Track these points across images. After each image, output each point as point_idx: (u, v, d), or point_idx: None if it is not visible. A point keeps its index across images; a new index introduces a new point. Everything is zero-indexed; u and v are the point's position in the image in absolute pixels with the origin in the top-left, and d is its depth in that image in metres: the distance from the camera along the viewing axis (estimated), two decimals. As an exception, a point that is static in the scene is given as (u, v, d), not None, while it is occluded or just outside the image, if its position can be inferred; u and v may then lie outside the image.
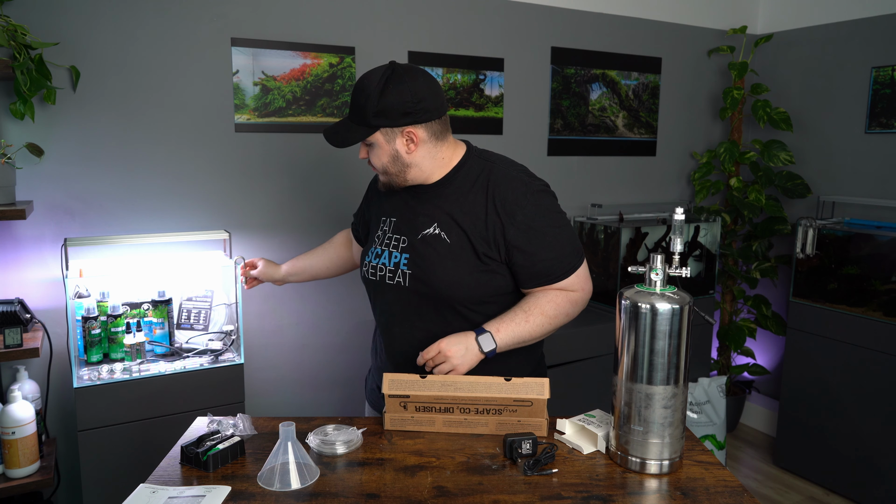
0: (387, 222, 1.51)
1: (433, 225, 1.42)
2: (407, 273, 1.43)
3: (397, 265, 1.45)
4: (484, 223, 1.38)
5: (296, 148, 2.42)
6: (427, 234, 1.42)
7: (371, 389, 1.66)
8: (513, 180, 1.40)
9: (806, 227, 2.89)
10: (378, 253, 1.49)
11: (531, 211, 1.38)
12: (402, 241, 1.46)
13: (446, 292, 1.40)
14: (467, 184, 1.42)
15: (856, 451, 2.75)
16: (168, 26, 2.16)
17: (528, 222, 1.37)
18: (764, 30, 3.42)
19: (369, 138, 1.38)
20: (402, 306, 1.46)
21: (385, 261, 1.47)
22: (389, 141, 1.38)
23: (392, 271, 1.46)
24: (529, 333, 1.40)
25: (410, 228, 1.45)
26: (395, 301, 1.47)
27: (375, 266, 1.49)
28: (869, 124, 2.98)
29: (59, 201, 2.09)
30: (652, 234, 2.93)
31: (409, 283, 1.43)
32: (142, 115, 2.17)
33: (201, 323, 2.19)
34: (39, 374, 2.05)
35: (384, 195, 1.55)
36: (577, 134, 3.04)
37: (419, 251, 1.42)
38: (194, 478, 1.13)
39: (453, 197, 1.42)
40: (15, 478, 1.79)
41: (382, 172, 1.43)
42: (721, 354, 3.49)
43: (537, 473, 1.15)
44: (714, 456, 1.22)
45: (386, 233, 1.50)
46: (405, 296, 1.44)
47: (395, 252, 1.46)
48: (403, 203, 1.49)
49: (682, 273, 1.18)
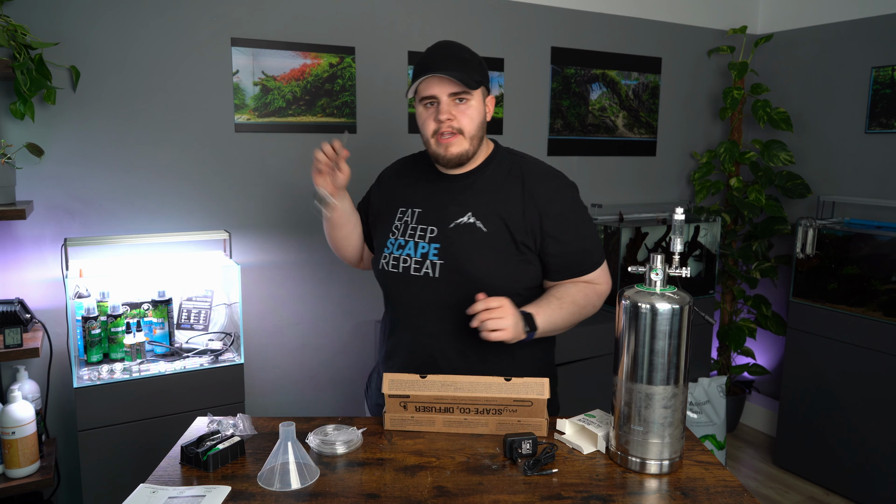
0: (408, 213, 1.47)
1: (467, 214, 1.42)
2: (437, 263, 1.40)
3: (425, 255, 1.41)
4: (521, 213, 1.41)
5: (296, 148, 2.43)
6: (461, 224, 1.41)
7: (375, 390, 1.59)
8: (547, 174, 1.47)
9: (806, 227, 2.89)
10: (401, 244, 1.45)
11: (566, 204, 1.44)
12: (430, 230, 1.43)
13: (483, 281, 1.37)
14: (500, 175, 1.46)
15: (856, 451, 2.75)
16: (168, 26, 2.16)
17: (564, 214, 1.43)
18: (764, 30, 3.42)
19: (473, 92, 1.37)
20: (430, 298, 1.41)
21: (410, 251, 1.43)
22: (482, 102, 1.42)
23: (419, 262, 1.42)
24: (563, 320, 1.40)
25: (439, 218, 1.43)
26: (421, 293, 1.42)
27: (398, 257, 1.44)
28: (869, 124, 2.98)
29: (59, 201, 2.09)
30: (652, 234, 2.93)
31: (439, 273, 1.40)
32: (142, 114, 2.17)
33: (201, 323, 2.19)
34: (39, 374, 2.05)
35: (400, 186, 1.51)
36: (577, 134, 3.04)
37: (452, 240, 1.40)
38: (194, 478, 1.13)
39: (487, 187, 1.44)
40: (15, 478, 1.79)
41: (469, 137, 1.39)
42: (721, 354, 3.49)
43: (537, 473, 1.15)
44: (714, 456, 1.22)
45: (408, 223, 1.46)
46: (434, 287, 1.40)
47: (421, 242, 1.43)
48: (428, 193, 1.46)
49: (682, 273, 1.18)
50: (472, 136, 1.40)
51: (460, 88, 1.36)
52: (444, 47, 1.41)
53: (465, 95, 1.37)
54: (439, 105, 1.37)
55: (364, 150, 2.55)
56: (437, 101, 1.37)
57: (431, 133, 1.39)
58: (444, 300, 1.40)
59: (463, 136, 1.39)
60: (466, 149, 1.40)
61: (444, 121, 1.36)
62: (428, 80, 1.36)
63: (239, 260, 2.37)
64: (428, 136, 1.40)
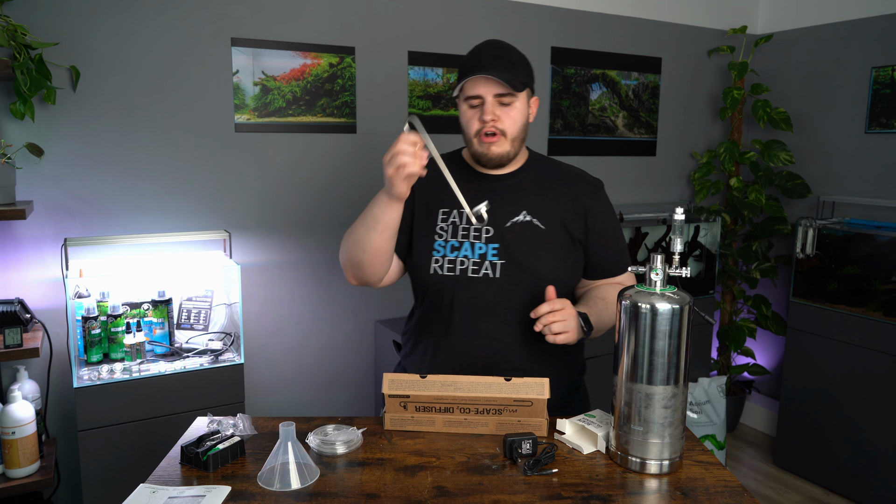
0: (453, 214, 1.44)
1: (521, 213, 1.42)
2: (497, 263, 1.39)
3: (483, 256, 1.40)
4: (572, 210, 1.45)
5: (296, 148, 2.43)
6: (518, 222, 1.41)
7: None
8: (586, 176, 1.52)
9: (806, 227, 2.89)
10: (454, 245, 1.41)
11: (605, 205, 1.50)
12: (486, 230, 1.41)
13: (547, 279, 1.37)
14: (543, 175, 1.49)
15: (856, 451, 2.75)
16: (168, 26, 2.16)
17: (604, 214, 1.48)
18: (764, 30, 3.42)
19: (518, 94, 1.38)
20: (490, 300, 1.39)
21: (467, 252, 1.41)
22: (526, 104, 1.42)
23: (477, 263, 1.40)
24: (610, 320, 1.42)
25: (494, 218, 1.41)
26: (480, 295, 1.40)
27: (454, 259, 1.41)
28: (869, 124, 2.98)
29: (59, 201, 2.09)
30: (652, 234, 2.93)
31: (500, 273, 1.39)
32: (142, 114, 2.17)
33: (201, 323, 2.19)
34: (39, 374, 2.05)
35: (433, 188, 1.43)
36: (577, 134, 3.04)
37: (511, 239, 1.40)
38: (194, 478, 1.13)
39: (535, 187, 1.46)
40: (15, 478, 1.79)
41: (511, 139, 1.39)
42: (721, 354, 3.49)
43: (537, 473, 1.15)
44: (714, 456, 1.22)
45: (457, 225, 1.43)
46: (495, 288, 1.39)
47: (478, 243, 1.41)
48: (473, 193, 1.42)
49: (682, 273, 1.18)
50: (513, 138, 1.40)
51: (506, 90, 1.35)
52: (494, 47, 1.40)
53: (510, 98, 1.37)
54: (484, 105, 1.37)
55: (364, 151, 2.55)
56: (482, 102, 1.37)
57: (475, 132, 1.39)
58: (506, 301, 1.39)
59: (505, 138, 1.39)
60: (508, 150, 1.40)
61: (488, 121, 1.36)
62: (474, 79, 1.36)
63: (239, 260, 2.37)
64: (471, 136, 1.40)
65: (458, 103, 1.43)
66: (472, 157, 1.45)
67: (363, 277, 1.44)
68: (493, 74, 1.33)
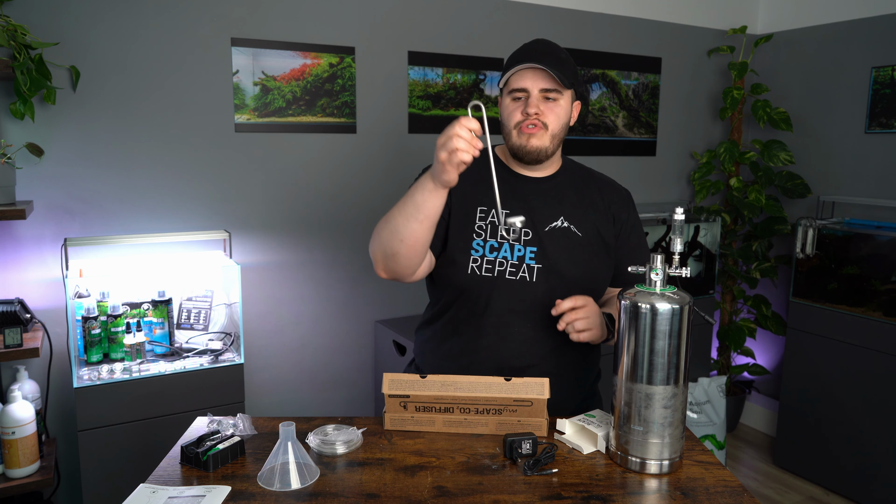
0: (491, 213, 1.41)
1: (559, 218, 1.42)
2: (535, 267, 1.38)
3: (521, 259, 1.38)
4: (605, 218, 1.47)
5: (296, 148, 2.43)
6: (555, 228, 1.41)
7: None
8: (615, 184, 1.54)
9: (806, 227, 2.89)
10: (494, 246, 1.39)
11: (633, 214, 1.52)
12: (525, 233, 1.40)
13: (582, 285, 1.37)
14: (579, 181, 1.49)
15: (856, 451, 2.75)
16: (168, 26, 2.16)
17: (633, 223, 1.51)
18: (764, 30, 3.42)
19: (564, 91, 1.37)
20: (525, 304, 1.38)
21: (507, 254, 1.39)
22: (570, 104, 1.41)
23: (515, 265, 1.38)
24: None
25: (533, 221, 1.40)
26: (516, 298, 1.38)
27: (493, 260, 1.38)
28: (869, 124, 2.98)
29: (59, 201, 2.09)
30: (652, 234, 2.93)
31: (536, 277, 1.38)
32: (142, 114, 2.17)
33: (201, 323, 2.19)
34: (39, 374, 2.05)
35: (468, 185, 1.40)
36: (577, 134, 3.04)
37: (548, 244, 1.39)
38: (194, 478, 1.13)
39: (571, 193, 1.46)
40: (15, 478, 1.79)
41: (552, 134, 1.37)
42: (721, 354, 3.49)
43: (537, 473, 1.15)
44: (714, 456, 1.22)
45: (497, 224, 1.40)
46: (530, 292, 1.38)
47: (517, 245, 1.39)
48: (513, 195, 1.41)
49: (682, 273, 1.18)
50: (554, 135, 1.38)
51: (553, 85, 1.34)
52: (544, 44, 1.39)
53: (556, 94, 1.36)
54: (528, 98, 1.35)
55: (364, 151, 2.55)
56: (527, 95, 1.36)
57: (515, 124, 1.37)
58: (539, 305, 1.38)
59: (546, 132, 1.36)
60: (547, 146, 1.38)
61: (531, 114, 1.35)
62: (522, 71, 1.34)
63: (239, 260, 2.37)
64: (510, 127, 1.39)
65: (501, 97, 1.42)
66: (509, 151, 1.43)
67: (396, 270, 1.34)
68: (543, 65, 1.32)
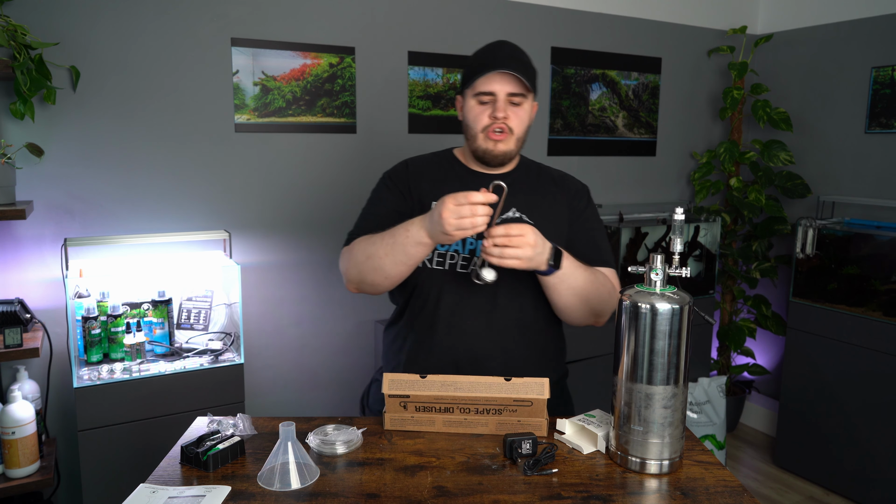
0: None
1: (511, 209, 1.44)
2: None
3: (473, 252, 1.41)
4: (560, 209, 1.49)
5: (296, 148, 2.43)
6: (507, 219, 1.42)
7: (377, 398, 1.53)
8: (570, 177, 1.58)
9: (806, 227, 2.89)
10: None
11: (591, 208, 1.54)
12: None
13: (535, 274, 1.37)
14: (534, 176, 1.51)
15: (856, 451, 2.75)
16: (168, 26, 2.16)
17: (589, 213, 1.53)
18: (764, 30, 3.42)
19: (528, 95, 1.40)
20: (477, 297, 1.40)
21: (458, 247, 1.41)
22: (531, 107, 1.45)
23: (467, 258, 1.41)
24: (584, 281, 1.36)
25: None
26: (468, 291, 1.40)
27: (444, 254, 1.41)
28: (869, 124, 2.98)
29: (59, 201, 2.09)
30: (652, 234, 2.93)
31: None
32: (142, 114, 2.17)
33: (201, 323, 2.19)
34: (39, 374, 2.05)
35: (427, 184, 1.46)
36: (577, 134, 3.04)
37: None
38: (194, 478, 1.13)
39: (526, 186, 1.48)
40: (15, 478, 1.79)
41: (517, 138, 1.41)
42: (721, 354, 3.49)
43: (537, 473, 1.15)
44: (714, 456, 1.22)
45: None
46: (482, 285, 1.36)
47: (469, 238, 1.41)
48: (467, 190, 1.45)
49: (682, 273, 1.18)
50: (518, 138, 1.42)
51: (519, 90, 1.38)
52: (510, 48, 1.43)
53: (521, 98, 1.39)
54: (496, 102, 1.38)
55: (364, 151, 2.55)
56: (494, 99, 1.38)
57: (482, 128, 1.40)
58: (490, 297, 1.40)
59: (512, 136, 1.40)
60: (512, 149, 1.42)
61: (500, 118, 1.37)
62: (490, 76, 1.37)
63: (239, 260, 2.37)
64: (477, 131, 1.41)
65: (465, 98, 1.43)
66: (472, 153, 1.45)
67: (369, 291, 1.42)
68: (513, 70, 1.35)
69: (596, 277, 1.41)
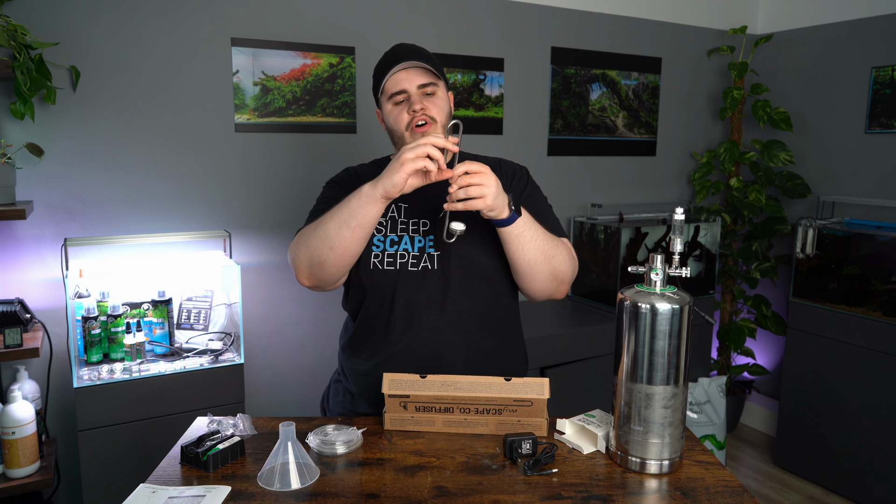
0: (391, 209, 1.44)
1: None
2: (434, 255, 1.39)
3: (422, 250, 1.39)
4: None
5: (296, 148, 2.42)
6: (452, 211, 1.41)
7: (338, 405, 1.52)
8: (507, 161, 1.54)
9: (806, 227, 2.89)
10: (394, 240, 1.40)
11: (529, 181, 1.51)
12: (423, 223, 1.41)
13: (482, 262, 1.37)
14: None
15: (856, 451, 2.75)
16: (168, 26, 2.16)
17: (530, 192, 1.49)
18: (764, 30, 3.42)
19: (440, 83, 1.40)
20: (430, 293, 1.38)
21: (407, 246, 1.40)
22: (447, 95, 1.43)
23: (416, 257, 1.39)
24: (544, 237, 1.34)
25: (429, 209, 1.41)
26: (421, 289, 1.38)
27: (395, 253, 1.40)
28: (869, 124, 2.98)
29: (59, 201, 2.09)
30: (652, 234, 2.93)
31: (437, 264, 1.38)
32: (142, 114, 2.17)
33: (201, 323, 2.19)
34: (39, 374, 2.05)
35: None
36: (577, 134, 3.04)
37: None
38: (194, 478, 1.13)
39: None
40: (15, 478, 1.79)
41: (441, 127, 1.40)
42: (721, 354, 3.49)
43: (537, 473, 1.15)
44: (714, 456, 1.22)
45: (396, 219, 1.42)
46: (434, 280, 1.38)
47: (416, 236, 1.40)
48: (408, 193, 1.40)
49: (682, 273, 1.18)
50: (443, 125, 1.40)
51: (429, 79, 1.37)
52: (406, 46, 1.43)
53: (433, 87, 1.39)
54: (410, 98, 1.38)
55: (364, 151, 2.55)
56: (408, 96, 1.38)
57: (405, 125, 1.39)
58: (443, 293, 1.38)
59: (436, 124, 1.39)
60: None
61: (417, 111, 1.36)
62: (396, 75, 1.37)
63: (239, 260, 2.37)
64: (402, 130, 1.39)
65: (382, 107, 1.43)
66: None
67: (321, 278, 1.35)
68: (416, 60, 1.35)
69: (553, 238, 1.38)
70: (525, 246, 1.32)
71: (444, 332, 1.39)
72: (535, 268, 1.35)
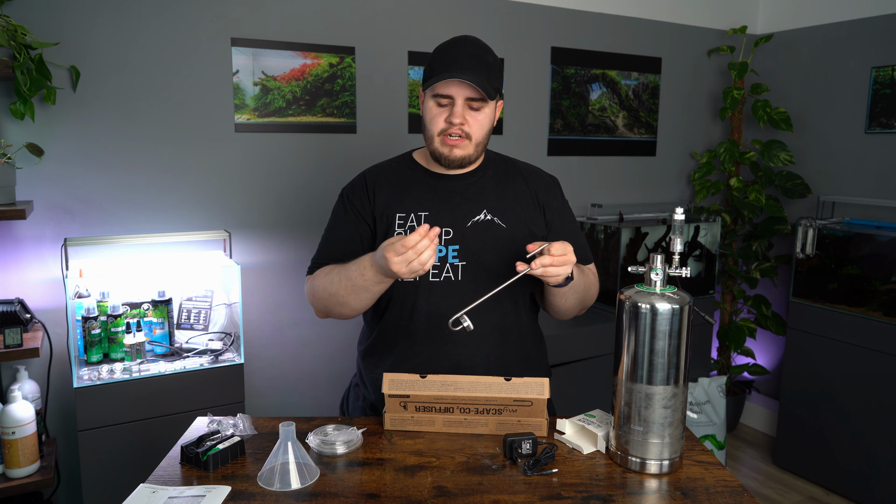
0: (410, 218, 1.40)
1: (482, 211, 1.41)
2: (459, 265, 1.37)
3: (444, 259, 1.37)
4: (532, 207, 1.46)
5: (296, 148, 2.43)
6: (478, 222, 1.39)
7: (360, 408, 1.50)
8: (541, 172, 1.53)
9: (806, 227, 2.89)
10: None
11: (561, 200, 1.51)
12: (446, 232, 1.38)
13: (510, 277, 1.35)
14: (502, 174, 1.48)
15: (856, 451, 2.75)
16: (168, 26, 2.16)
17: (561, 209, 1.50)
18: (764, 30, 3.42)
19: (489, 101, 1.35)
20: (453, 304, 1.34)
21: None
22: (494, 109, 1.40)
23: (438, 266, 1.37)
24: (583, 283, 1.40)
25: (453, 219, 1.39)
26: (443, 299, 1.36)
27: None
28: (869, 124, 2.98)
29: (59, 201, 2.09)
30: (652, 234, 2.93)
31: (461, 275, 1.37)
32: (142, 114, 2.17)
33: (201, 323, 2.19)
34: (39, 374, 2.05)
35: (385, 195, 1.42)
36: (577, 134, 3.04)
37: (471, 239, 1.38)
38: (194, 478, 1.13)
39: (494, 185, 1.45)
40: (15, 478, 1.79)
41: (476, 143, 1.37)
42: (721, 354, 3.49)
43: (537, 473, 1.15)
44: (714, 456, 1.22)
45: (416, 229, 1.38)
46: (457, 291, 1.36)
47: (439, 245, 1.37)
48: (430, 195, 1.41)
49: (682, 273, 1.18)
50: (478, 143, 1.38)
51: (478, 95, 1.32)
52: (471, 46, 1.35)
53: (481, 104, 1.34)
54: (454, 107, 1.33)
55: (364, 151, 2.55)
56: (452, 102, 1.34)
57: (439, 131, 1.35)
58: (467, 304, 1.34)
59: (470, 142, 1.36)
60: (470, 153, 1.37)
61: (456, 124, 1.33)
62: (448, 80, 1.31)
63: (239, 260, 2.37)
64: (433, 133, 1.36)
65: (424, 96, 1.38)
66: (430, 155, 1.41)
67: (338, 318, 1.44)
68: (470, 79, 1.29)
69: (587, 277, 1.44)
70: (567, 297, 1.39)
71: (466, 344, 1.39)
72: (569, 309, 1.44)
